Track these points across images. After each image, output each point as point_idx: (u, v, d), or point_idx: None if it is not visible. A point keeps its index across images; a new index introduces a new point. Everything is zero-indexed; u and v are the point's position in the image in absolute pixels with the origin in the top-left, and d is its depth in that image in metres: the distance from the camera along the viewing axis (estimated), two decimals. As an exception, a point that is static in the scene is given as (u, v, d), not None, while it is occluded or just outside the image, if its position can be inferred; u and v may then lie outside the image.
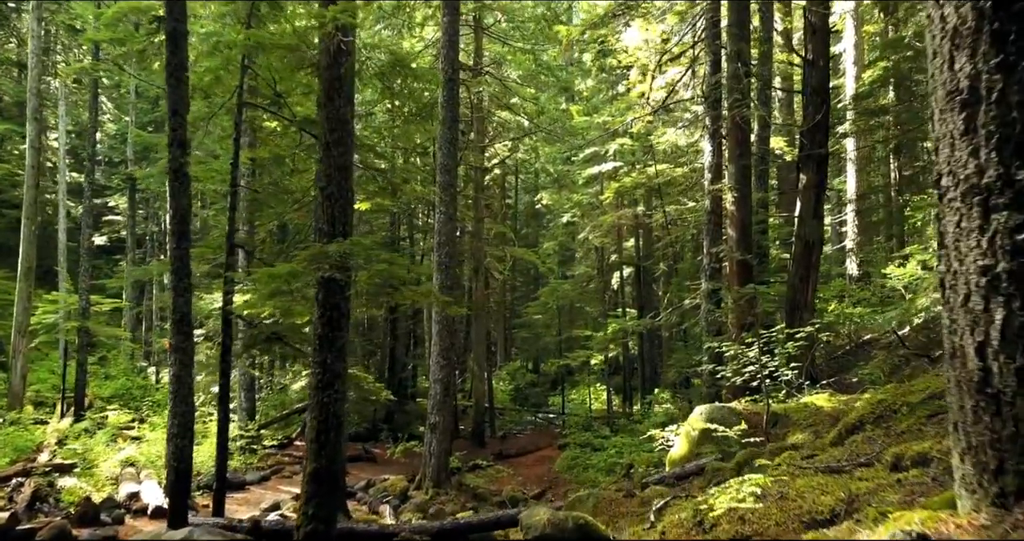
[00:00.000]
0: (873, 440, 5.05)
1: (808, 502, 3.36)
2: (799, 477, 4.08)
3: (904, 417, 5.26)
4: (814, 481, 3.77)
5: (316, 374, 6.95)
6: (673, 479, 7.80)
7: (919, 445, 3.59)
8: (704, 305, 12.95)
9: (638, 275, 25.96)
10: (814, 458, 4.98)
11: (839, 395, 8.79)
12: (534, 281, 40.20)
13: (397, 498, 13.65)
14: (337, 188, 7.04)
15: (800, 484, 3.77)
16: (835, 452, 4.99)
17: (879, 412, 5.59)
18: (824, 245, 14.02)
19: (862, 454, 4.61)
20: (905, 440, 4.71)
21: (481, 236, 21.80)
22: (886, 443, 4.82)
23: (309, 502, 6.69)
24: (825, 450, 5.33)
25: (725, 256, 12.76)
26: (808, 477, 4.00)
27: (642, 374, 27.08)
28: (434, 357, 14.48)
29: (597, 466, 16.77)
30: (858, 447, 4.90)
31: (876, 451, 4.51)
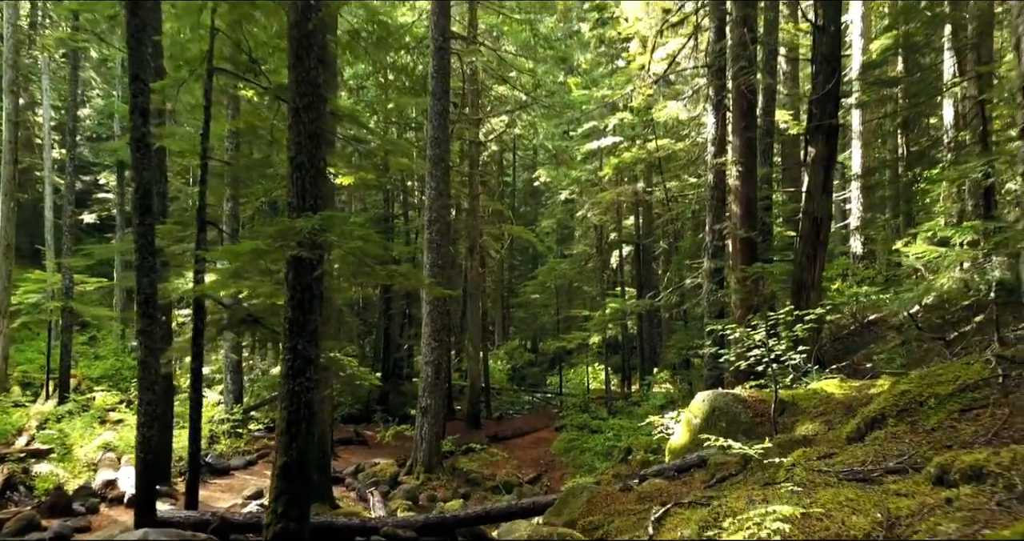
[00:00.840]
0: (899, 438, 4.50)
1: (836, 523, 2.81)
2: (820, 486, 3.53)
3: (932, 411, 4.71)
4: (841, 494, 3.23)
5: (286, 361, 6.40)
6: (673, 471, 7.29)
7: (970, 456, 3.04)
8: (706, 285, 12.39)
9: (638, 254, 25.37)
10: (832, 459, 4.43)
11: (850, 381, 8.25)
12: (532, 260, 39.66)
13: (387, 484, 13.20)
14: (308, 157, 6.43)
15: (824, 497, 3.23)
16: (856, 452, 4.44)
17: (903, 404, 5.03)
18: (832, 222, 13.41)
19: (889, 456, 4.06)
20: (938, 440, 4.16)
21: (476, 214, 21.19)
22: (915, 442, 4.28)
23: (279, 499, 6.17)
24: (844, 448, 4.79)
25: (728, 233, 12.16)
26: (832, 487, 3.46)
27: (641, 354, 26.60)
28: (425, 338, 13.95)
29: (594, 449, 16.33)
30: (883, 447, 4.34)
31: (907, 454, 3.96)
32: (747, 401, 8.00)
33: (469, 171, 21.43)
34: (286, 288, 6.42)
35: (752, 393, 8.20)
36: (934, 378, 5.15)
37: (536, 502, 7.87)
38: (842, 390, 7.79)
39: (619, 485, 7.26)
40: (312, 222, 5.91)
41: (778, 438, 6.50)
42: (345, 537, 7.74)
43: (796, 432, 7.04)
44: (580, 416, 19.42)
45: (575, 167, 25.90)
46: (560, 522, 6.78)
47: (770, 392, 8.22)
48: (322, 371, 10.58)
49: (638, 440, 14.86)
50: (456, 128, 18.25)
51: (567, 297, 31.08)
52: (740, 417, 7.80)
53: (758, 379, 9.16)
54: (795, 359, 8.72)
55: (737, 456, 6.56)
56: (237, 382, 16.01)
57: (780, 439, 6.42)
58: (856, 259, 22.30)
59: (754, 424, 7.72)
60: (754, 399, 8.04)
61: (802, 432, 6.93)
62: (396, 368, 26.26)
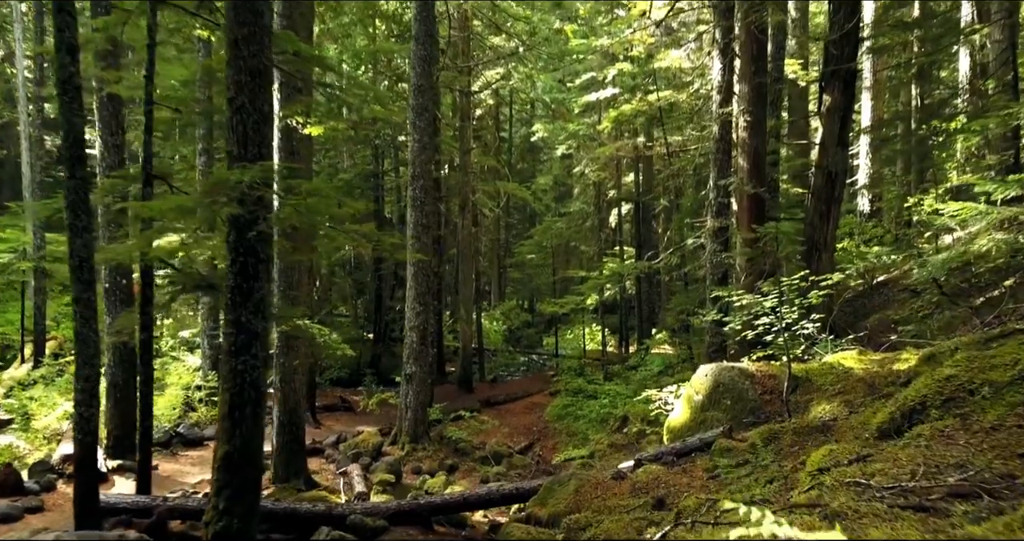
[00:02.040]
0: (950, 439, 3.68)
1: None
2: (865, 517, 2.70)
3: (988, 404, 3.88)
4: (897, 532, 2.41)
5: (228, 336, 5.55)
6: (672, 456, 6.51)
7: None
8: (709, 245, 11.50)
9: (637, 211, 24.43)
10: (869, 464, 3.60)
11: (870, 353, 7.42)
12: (530, 219, 38.64)
13: (369, 455, 12.51)
14: (250, 98, 5.48)
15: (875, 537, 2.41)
16: (899, 455, 3.61)
17: (948, 393, 4.20)
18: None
19: (945, 466, 3.23)
20: (1004, 445, 3.33)
21: (468, 169, 20.16)
22: (973, 446, 3.45)
23: (220, 493, 5.39)
24: (879, 447, 3.96)
25: (735, 189, 11.23)
26: (882, 519, 2.63)
27: (639, 314, 25.82)
28: (409, 302, 13.12)
29: (589, 416, 15.66)
30: (933, 451, 3.52)
31: (969, 464, 3.12)
32: (755, 376, 7.20)
33: (460, 124, 20.33)
34: (228, 251, 5.54)
35: (760, 367, 7.39)
36: (986, 360, 4.31)
37: (519, 488, 7.13)
38: (862, 364, 6.98)
39: (611, 472, 6.50)
40: (250, 174, 5.00)
41: (791, 423, 5.70)
42: (309, 525, 7.02)
43: (811, 413, 6.24)
44: (575, 380, 18.74)
45: (572, 120, 24.79)
46: (544, 514, 6.03)
47: (780, 366, 7.43)
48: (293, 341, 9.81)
49: (634, 408, 14.16)
50: (444, 77, 17.12)
51: (564, 257, 30.24)
52: (747, 394, 7.01)
53: (765, 349, 8.33)
54: (808, 328, 7.90)
55: (747, 443, 5.78)
56: (215, 347, 15.23)
57: (794, 425, 5.62)
58: (864, 217, 21.39)
59: (762, 403, 6.93)
60: (763, 374, 7.23)
61: (818, 414, 6.13)
62: (388, 330, 25.55)
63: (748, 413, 6.87)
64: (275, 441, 10.20)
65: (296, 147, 10.05)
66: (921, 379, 4.62)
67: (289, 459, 10.13)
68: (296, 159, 10.03)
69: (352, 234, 5.94)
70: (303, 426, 10.36)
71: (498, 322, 32.48)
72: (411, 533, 6.90)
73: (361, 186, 24.11)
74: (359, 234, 6.09)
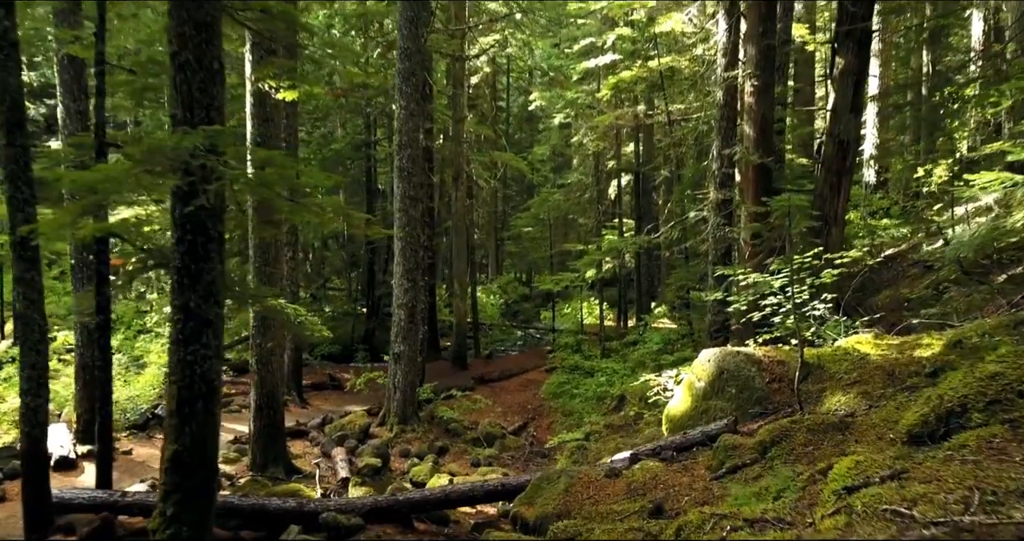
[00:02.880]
0: (1003, 453, 3.10)
1: None
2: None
3: (1045, 409, 3.29)
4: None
5: (175, 323, 4.95)
6: (672, 450, 5.96)
7: None
8: (712, 219, 10.87)
9: (637, 183, 23.72)
10: (907, 485, 3.02)
11: (887, 337, 6.84)
12: (528, 190, 37.85)
13: (356, 437, 12.02)
14: (195, 54, 4.82)
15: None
16: (942, 472, 3.03)
17: (993, 393, 3.62)
18: (859, 146, 11.75)
19: (1006, 492, 2.65)
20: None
21: (461, 139, 19.42)
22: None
23: (168, 498, 4.84)
24: (914, 459, 3.38)
25: (739, 159, 10.56)
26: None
27: (638, 288, 25.23)
28: (397, 278, 12.52)
29: (585, 395, 15.17)
30: (985, 469, 2.94)
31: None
32: (762, 362, 6.62)
33: (453, 91, 19.54)
34: (173, 228, 4.92)
35: (768, 352, 6.81)
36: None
37: (505, 484, 6.59)
38: (879, 350, 6.40)
39: (605, 468, 5.96)
40: (191, 140, 4.35)
41: (805, 419, 5.12)
42: (279, 522, 6.50)
43: (825, 405, 5.68)
44: (572, 357, 18.22)
45: (570, 88, 23.94)
46: (532, 516, 5.50)
47: (790, 351, 6.85)
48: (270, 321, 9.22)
49: (632, 387, 13.66)
50: (434, 40, 16.31)
51: (562, 230, 29.58)
52: (753, 382, 6.44)
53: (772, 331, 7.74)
54: (819, 309, 7.32)
55: (755, 439, 5.22)
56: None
57: (808, 420, 5.04)
58: (870, 189, 20.72)
59: (770, 392, 6.37)
60: (770, 360, 6.66)
61: (833, 406, 5.57)
62: (381, 304, 24.99)
63: (754, 403, 6.32)
64: (252, 426, 9.69)
65: (270, 114, 9.36)
66: (958, 375, 4.03)
67: (267, 445, 9.62)
68: (271, 126, 9.36)
69: (315, 209, 5.32)
70: (281, 410, 9.83)
71: (495, 296, 31.92)
72: (388, 532, 6.39)
73: (352, 156, 23.36)
74: (324, 209, 5.46)
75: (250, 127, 9.31)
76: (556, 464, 11.60)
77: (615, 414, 13.81)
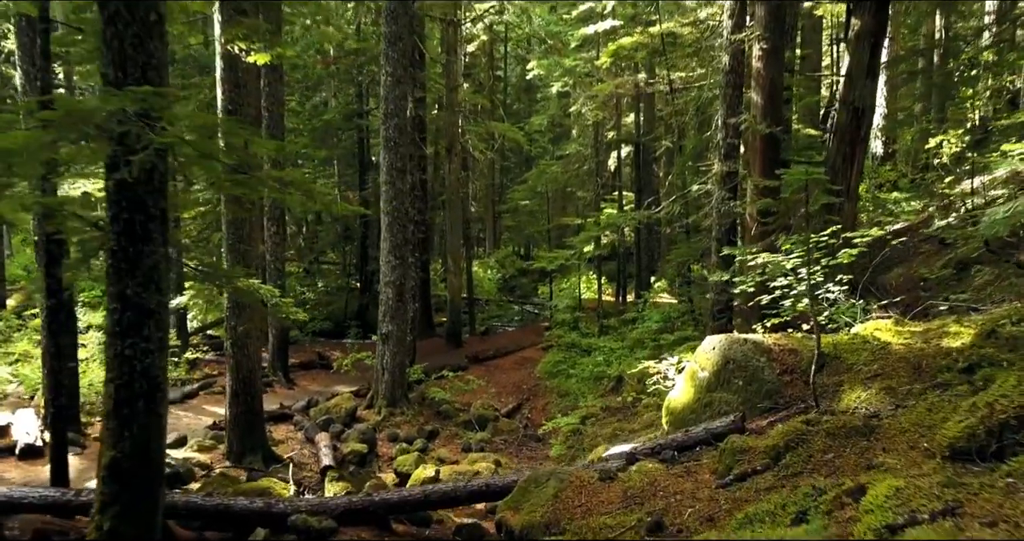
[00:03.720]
0: (1084, 486, 2.52)
1: None
2: None
3: None
4: None
5: (112, 312, 4.37)
6: (673, 450, 5.42)
7: None
8: (717, 192, 10.22)
9: (637, 154, 22.99)
10: (960, 520, 2.46)
11: (909, 323, 6.26)
12: (527, 162, 37.05)
13: (342, 421, 11.53)
14: (126, 4, 4.16)
15: None
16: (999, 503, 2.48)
17: (1056, 403, 3.03)
18: (875, 114, 11.08)
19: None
20: None
21: (455, 108, 18.66)
22: None
23: (106, 510, 4.29)
24: (959, 483, 2.82)
25: (747, 128, 9.89)
26: None
27: (638, 262, 24.64)
28: (384, 255, 11.93)
29: (582, 375, 14.66)
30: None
31: None
32: (772, 351, 6.04)
33: (447, 58, 18.73)
34: (108, 204, 4.31)
35: (778, 339, 6.23)
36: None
37: (489, 484, 6.05)
38: (901, 338, 5.82)
39: (598, 468, 5.41)
40: (117, 103, 3.72)
41: (824, 420, 4.56)
42: (245, 525, 5.99)
43: (843, 401, 5.12)
44: (569, 334, 17.69)
45: (568, 55, 23.07)
46: (517, 524, 4.97)
47: (802, 338, 6.28)
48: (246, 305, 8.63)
49: (630, 368, 13.15)
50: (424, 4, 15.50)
51: (560, 203, 28.88)
52: (763, 374, 5.87)
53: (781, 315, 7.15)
54: (833, 292, 6.74)
55: (767, 440, 4.67)
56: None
57: (827, 422, 4.49)
58: (877, 160, 20.02)
59: (781, 384, 5.80)
60: (781, 348, 6.08)
61: (852, 403, 5.01)
62: (374, 279, 24.39)
63: (764, 397, 5.76)
64: (228, 413, 9.16)
65: (242, 79, 8.67)
66: (1010, 378, 3.45)
67: (244, 432, 9.10)
68: (243, 93, 8.68)
69: (271, 184, 4.69)
70: (260, 395, 9.29)
71: (492, 270, 31.32)
72: (363, 535, 5.88)
73: (343, 126, 22.57)
74: (279, 182, 4.83)
75: (220, 93, 8.63)
76: (551, 450, 11.13)
77: (612, 396, 13.31)
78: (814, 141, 15.60)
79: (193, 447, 9.37)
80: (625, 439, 10.15)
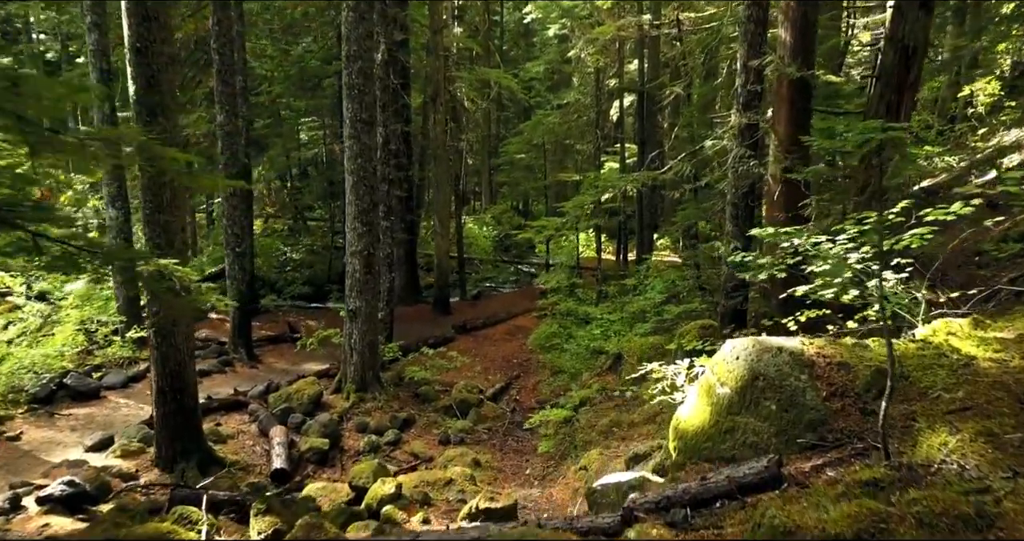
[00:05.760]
0: None
1: None
2: None
3: None
4: None
5: None
6: (685, 506, 4.01)
7: None
8: (735, 149, 8.63)
9: (641, 103, 21.21)
10: None
11: (993, 325, 4.80)
12: (525, 112, 35.08)
13: (304, 409, 10.21)
14: None
15: None
16: None
17: None
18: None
19: None
20: None
21: (440, 52, 16.87)
22: None
23: None
24: None
25: (773, 71, 8.25)
26: None
27: (640, 219, 23.01)
28: (349, 221, 10.45)
29: (577, 350, 13.30)
30: None
31: None
32: (815, 365, 4.60)
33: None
34: None
35: (821, 348, 4.76)
36: None
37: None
38: (987, 348, 4.38)
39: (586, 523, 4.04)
40: None
41: (910, 502, 3.13)
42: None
43: (922, 450, 3.70)
44: (565, 301, 16.26)
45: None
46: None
47: (853, 346, 4.82)
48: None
49: (631, 343, 11.77)
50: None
51: (558, 157, 27.13)
52: (804, 397, 4.44)
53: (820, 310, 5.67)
54: (889, 281, 5.28)
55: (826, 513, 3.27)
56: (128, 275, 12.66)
57: (917, 508, 3.06)
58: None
59: (829, 413, 4.37)
60: (827, 361, 4.63)
61: (935, 454, 3.59)
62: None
63: (806, 428, 4.34)
64: (155, 413, 7.81)
65: (153, 12, 7.01)
66: None
67: (175, 435, 7.76)
68: (155, 28, 7.05)
69: (92, 146, 3.21)
70: (193, 390, 7.91)
71: (488, 227, 29.76)
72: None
73: (320, 73, 20.73)
74: (100, 142, 3.33)
75: (126, 28, 7.02)
76: (539, 442, 9.81)
77: (610, 375, 11.98)
78: (836, 90, 13.87)
79: (117, 452, 8.03)
80: (623, 436, 8.85)
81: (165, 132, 7.21)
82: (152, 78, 7.17)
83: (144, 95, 7.17)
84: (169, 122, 7.32)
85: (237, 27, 14.80)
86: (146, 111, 7.19)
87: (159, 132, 7.17)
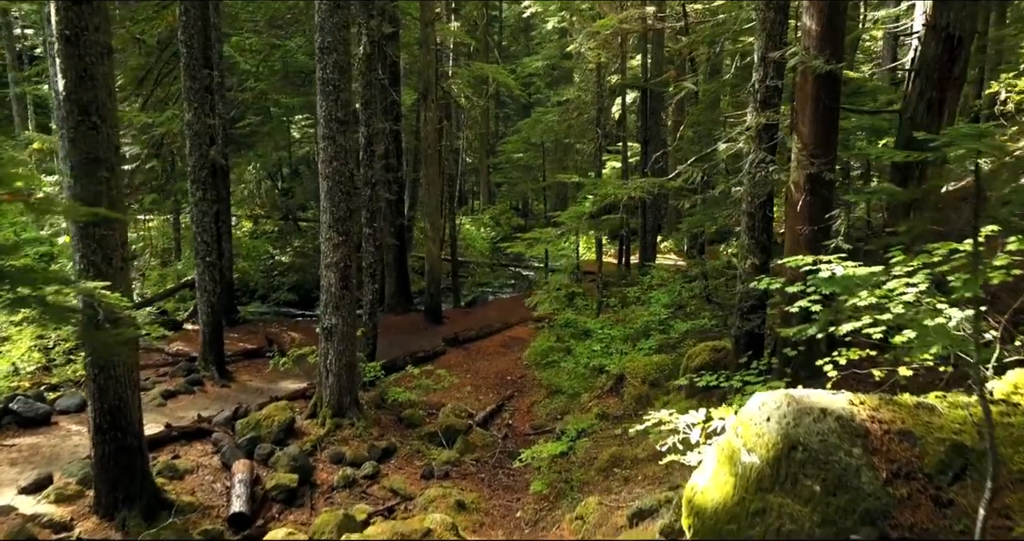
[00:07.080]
0: None
1: None
2: None
3: None
4: None
5: None
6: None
7: None
8: (753, 154, 7.65)
9: (644, 100, 20.26)
10: None
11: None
12: (525, 110, 34.06)
13: (273, 439, 9.23)
14: None
15: None
16: None
17: None
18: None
19: None
20: None
21: (431, 46, 15.90)
22: None
23: None
24: None
25: (799, 62, 7.25)
26: None
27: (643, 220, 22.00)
28: (324, 231, 9.49)
29: (576, 367, 12.31)
30: None
31: None
32: (869, 433, 3.63)
33: (420, -14, 15.92)
34: None
35: (875, 408, 3.79)
36: None
37: None
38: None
39: None
40: None
41: None
42: None
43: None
44: (564, 311, 15.28)
45: (566, -15, 20.15)
46: None
47: (915, 407, 3.85)
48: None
49: (634, 361, 10.83)
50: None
51: (557, 156, 26.12)
52: (858, 478, 3.47)
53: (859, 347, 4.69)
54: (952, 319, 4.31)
55: None
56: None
57: None
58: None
59: (893, 502, 3.40)
60: (884, 429, 3.66)
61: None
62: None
63: (861, 519, 3.38)
64: (92, 453, 6.86)
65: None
66: None
67: (117, 479, 6.81)
68: (87, 12, 6.10)
69: None
70: (136, 428, 6.96)
71: (486, 229, 28.81)
72: None
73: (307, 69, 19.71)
74: None
75: (53, 12, 6.07)
76: (532, 480, 8.85)
77: (611, 397, 11.03)
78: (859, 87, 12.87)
79: (51, 497, 7.08)
80: (626, 477, 7.89)
81: (98, 132, 6.27)
82: (85, 71, 6.23)
83: (75, 91, 6.23)
84: (105, 122, 6.38)
85: (214, 19, 13.88)
86: (78, 109, 6.24)
87: (91, 131, 6.24)
